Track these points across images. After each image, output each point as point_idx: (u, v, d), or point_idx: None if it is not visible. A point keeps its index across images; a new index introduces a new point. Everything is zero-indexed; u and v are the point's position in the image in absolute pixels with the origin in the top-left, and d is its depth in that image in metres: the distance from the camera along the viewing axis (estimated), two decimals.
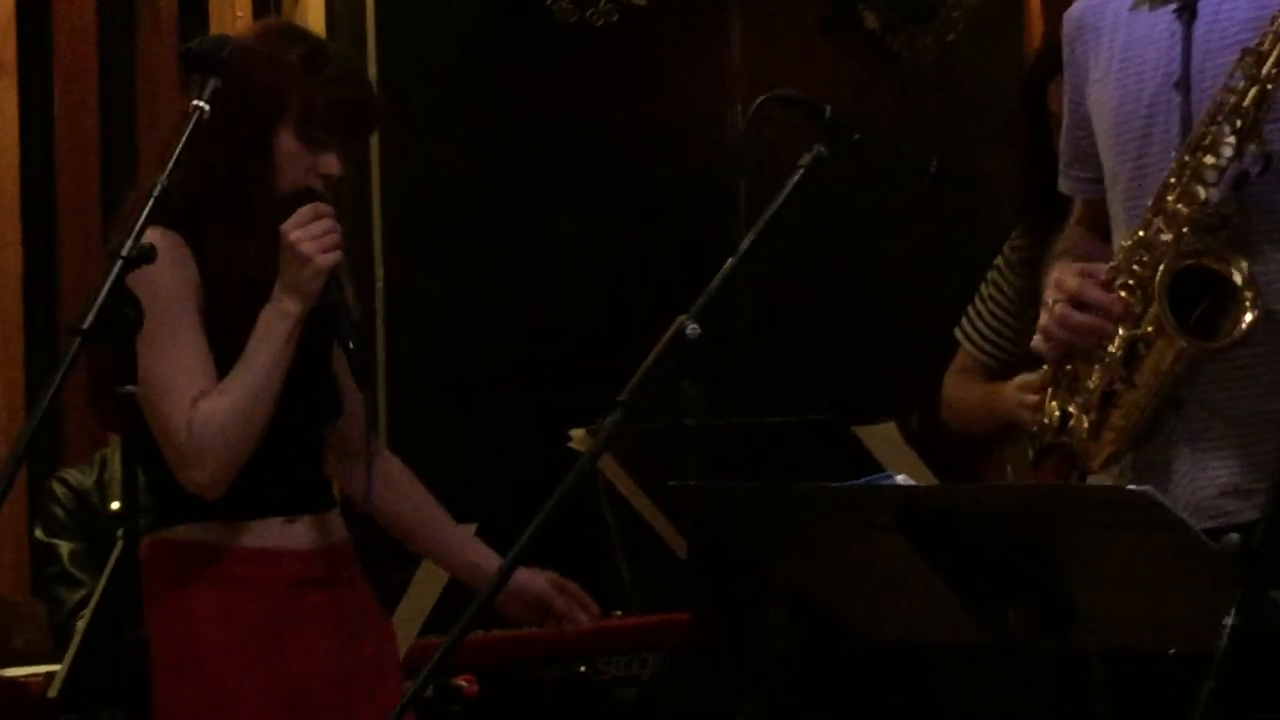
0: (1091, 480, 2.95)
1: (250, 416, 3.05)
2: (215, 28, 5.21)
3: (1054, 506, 2.41)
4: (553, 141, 5.66)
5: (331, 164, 3.16)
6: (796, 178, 2.97)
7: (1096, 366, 2.87)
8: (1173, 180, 2.81)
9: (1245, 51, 2.76)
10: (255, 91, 3.10)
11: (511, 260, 5.59)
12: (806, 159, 2.99)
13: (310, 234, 3.06)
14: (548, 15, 5.66)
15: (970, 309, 4.32)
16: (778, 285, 5.65)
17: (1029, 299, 4.21)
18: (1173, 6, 2.90)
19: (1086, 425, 2.91)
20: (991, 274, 4.30)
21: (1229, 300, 2.74)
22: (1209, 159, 2.77)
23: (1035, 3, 6.56)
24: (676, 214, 5.66)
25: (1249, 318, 2.72)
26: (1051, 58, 4.20)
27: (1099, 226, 3.06)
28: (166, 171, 2.82)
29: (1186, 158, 2.79)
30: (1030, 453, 4.14)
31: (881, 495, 2.53)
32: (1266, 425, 2.82)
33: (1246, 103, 2.75)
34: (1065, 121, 3.15)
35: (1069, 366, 2.94)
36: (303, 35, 3.32)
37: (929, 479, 3.77)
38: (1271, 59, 2.74)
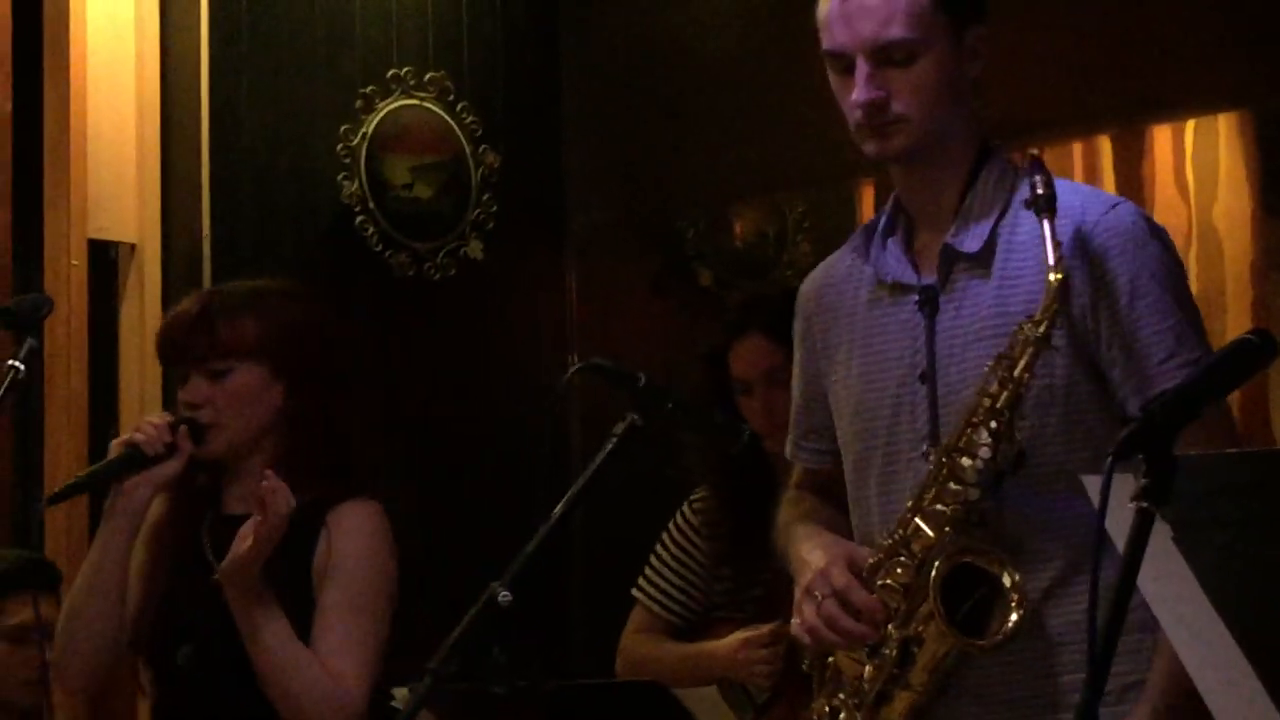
0: None
1: (75, 607, 3.40)
2: (49, 278, 5.19)
3: None
4: (389, 392, 5.66)
5: (186, 392, 3.50)
6: (610, 446, 2.98)
7: (869, 665, 2.90)
8: (931, 481, 2.87)
9: (1000, 356, 2.83)
10: None
11: None
12: (620, 428, 3.01)
13: None
14: (385, 268, 5.69)
15: (649, 570, 4.29)
16: (607, 545, 5.67)
17: (720, 559, 4.19)
18: (914, 299, 2.97)
19: None
20: (669, 535, 4.29)
21: (996, 598, 2.82)
22: (966, 461, 2.83)
23: None
24: (513, 462, 5.66)
25: (1014, 618, 2.80)
26: (737, 322, 4.23)
27: (824, 492, 3.13)
28: None
29: (944, 459, 2.86)
30: (750, 715, 4.09)
31: None
32: (1034, 708, 2.89)
33: (1000, 404, 2.82)
34: (797, 395, 3.20)
35: (830, 660, 2.97)
36: None
37: None
38: (1022, 363, 2.81)
